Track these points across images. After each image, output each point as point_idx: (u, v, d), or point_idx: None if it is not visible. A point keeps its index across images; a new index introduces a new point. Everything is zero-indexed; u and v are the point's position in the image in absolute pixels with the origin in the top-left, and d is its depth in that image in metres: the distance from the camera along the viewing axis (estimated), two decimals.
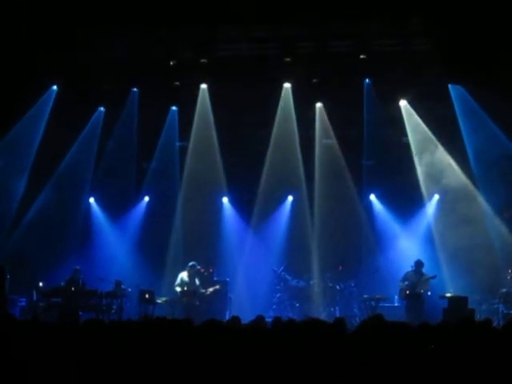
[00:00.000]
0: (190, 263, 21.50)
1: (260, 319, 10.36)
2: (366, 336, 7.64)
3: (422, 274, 20.66)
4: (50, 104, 22.37)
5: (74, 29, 20.29)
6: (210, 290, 21.42)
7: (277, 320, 10.30)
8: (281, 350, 7.45)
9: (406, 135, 22.88)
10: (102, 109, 23.37)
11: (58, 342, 7.84)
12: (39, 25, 19.78)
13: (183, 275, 21.39)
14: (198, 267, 21.72)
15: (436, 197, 22.94)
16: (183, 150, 23.96)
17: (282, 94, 22.82)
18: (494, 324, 16.63)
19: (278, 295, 22.37)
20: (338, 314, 20.95)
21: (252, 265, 22.80)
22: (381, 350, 6.97)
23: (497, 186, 21.25)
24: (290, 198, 24.12)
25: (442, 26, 19.64)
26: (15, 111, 21.74)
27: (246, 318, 10.38)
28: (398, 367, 6.70)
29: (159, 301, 20.61)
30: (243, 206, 23.86)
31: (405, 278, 20.80)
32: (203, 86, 23.00)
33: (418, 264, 20.81)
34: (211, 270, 22.56)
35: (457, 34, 19.28)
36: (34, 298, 20.19)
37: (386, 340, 7.13)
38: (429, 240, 22.69)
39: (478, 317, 18.16)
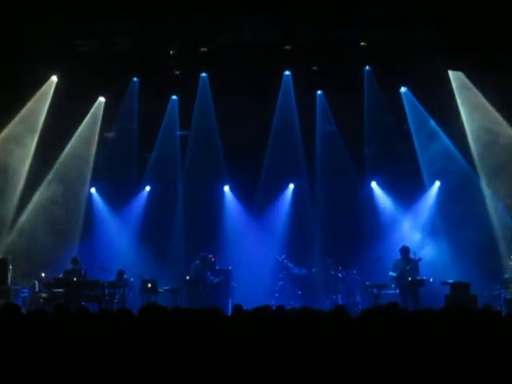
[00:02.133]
0: (201, 253, 21.62)
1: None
2: (367, 323, 7.66)
3: (409, 260, 20.66)
4: (50, 94, 22.36)
5: (73, 18, 20.26)
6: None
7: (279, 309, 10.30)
8: (285, 338, 7.47)
9: (407, 122, 22.86)
10: (102, 99, 23.36)
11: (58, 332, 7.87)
12: (38, 14, 19.75)
13: (196, 264, 21.50)
14: (210, 256, 21.82)
15: (437, 183, 22.92)
16: (184, 139, 23.96)
17: (283, 82, 22.84)
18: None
19: (281, 283, 22.39)
20: (340, 302, 20.99)
21: (254, 253, 22.79)
22: (381, 336, 6.99)
23: (498, 171, 21.25)
24: (292, 186, 24.10)
25: (442, 12, 19.59)
26: (15, 102, 21.73)
27: (249, 306, 10.38)
28: (397, 353, 6.72)
29: (162, 290, 20.62)
30: (245, 194, 23.85)
31: (394, 267, 20.78)
32: (203, 74, 23.00)
33: (404, 250, 20.82)
34: (213, 259, 22.56)
35: (457, 19, 19.24)
36: (37, 288, 20.19)
37: (385, 326, 7.16)
38: (431, 227, 22.70)
39: (480, 303, 18.18)
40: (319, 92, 23.28)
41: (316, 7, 20.04)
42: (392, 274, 20.67)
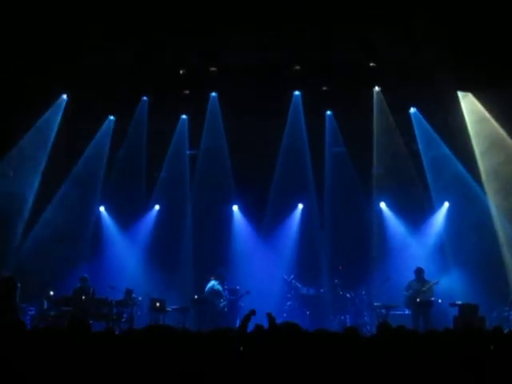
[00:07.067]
0: (217, 269, 21.52)
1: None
2: (375, 344, 7.63)
3: (424, 281, 20.62)
4: (60, 113, 22.43)
5: (83, 38, 20.34)
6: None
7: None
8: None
9: (416, 143, 22.85)
10: (112, 118, 23.44)
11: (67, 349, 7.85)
12: (49, 34, 19.83)
13: (214, 283, 21.33)
14: (224, 274, 21.74)
15: (446, 204, 22.90)
16: (193, 159, 23.99)
17: (292, 102, 22.87)
18: (505, 331, 16.54)
19: (289, 303, 22.32)
20: (348, 322, 20.96)
21: (262, 273, 22.75)
22: (387, 357, 6.96)
23: (507, 192, 21.22)
24: (300, 206, 24.10)
25: (452, 33, 19.63)
26: (25, 120, 21.79)
27: None
28: (405, 374, 6.69)
29: (170, 309, 20.58)
30: (253, 214, 23.86)
31: (408, 287, 20.75)
32: (213, 94, 23.05)
33: (419, 271, 20.78)
34: None
35: (466, 40, 19.27)
36: (45, 306, 20.17)
37: (392, 347, 7.13)
38: (439, 248, 22.65)
39: (488, 324, 18.10)
40: (328, 112, 23.32)
41: (326, 28, 20.09)
42: (405, 293, 20.65)
